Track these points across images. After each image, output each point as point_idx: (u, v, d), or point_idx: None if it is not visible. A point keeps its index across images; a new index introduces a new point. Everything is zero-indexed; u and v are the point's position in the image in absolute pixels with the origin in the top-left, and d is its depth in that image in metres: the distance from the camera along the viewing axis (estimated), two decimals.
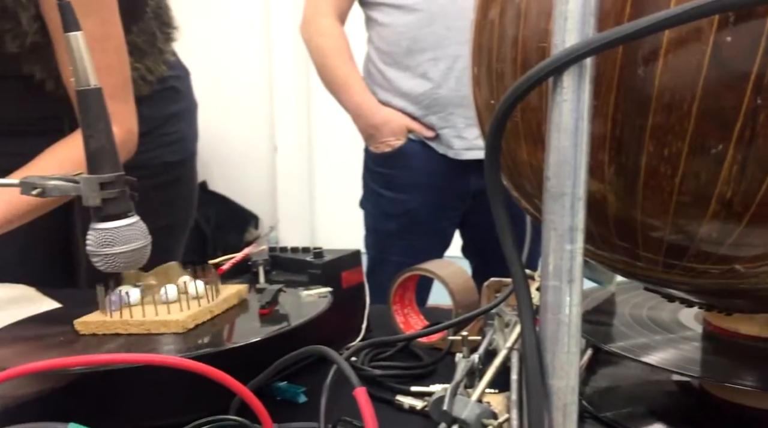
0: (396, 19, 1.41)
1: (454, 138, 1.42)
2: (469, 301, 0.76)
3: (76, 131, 0.96)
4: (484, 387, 0.55)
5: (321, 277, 0.74)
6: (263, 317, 0.64)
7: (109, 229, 0.62)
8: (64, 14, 0.57)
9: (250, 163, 3.29)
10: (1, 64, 0.93)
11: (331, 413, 0.48)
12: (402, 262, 1.12)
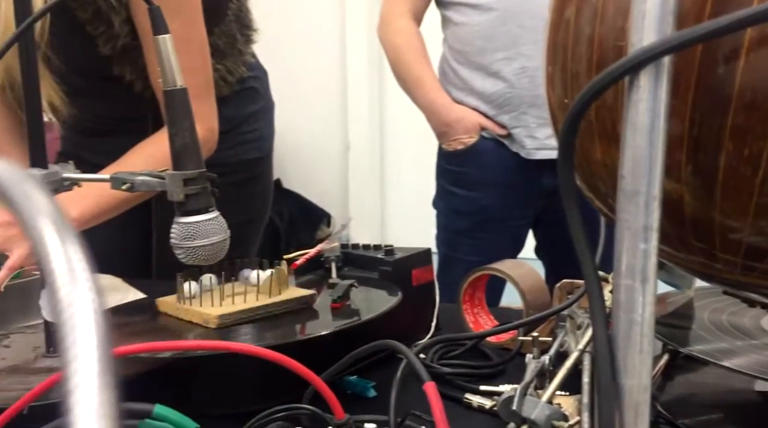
0: (471, 18, 1.41)
1: (525, 138, 1.41)
2: (540, 302, 0.75)
3: (161, 129, 1.01)
4: (554, 389, 0.54)
5: (391, 274, 0.75)
6: (335, 311, 0.65)
7: (191, 223, 0.65)
8: (153, 18, 0.60)
9: (323, 161, 3.35)
10: (95, 66, 0.99)
11: (400, 407, 0.48)
12: (473, 261, 1.12)
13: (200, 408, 0.54)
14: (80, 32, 0.94)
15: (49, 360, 0.68)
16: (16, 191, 0.15)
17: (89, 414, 0.12)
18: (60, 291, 0.13)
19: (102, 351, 0.13)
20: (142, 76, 1.01)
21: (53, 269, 0.14)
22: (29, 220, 0.15)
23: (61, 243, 0.14)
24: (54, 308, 0.13)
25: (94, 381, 0.12)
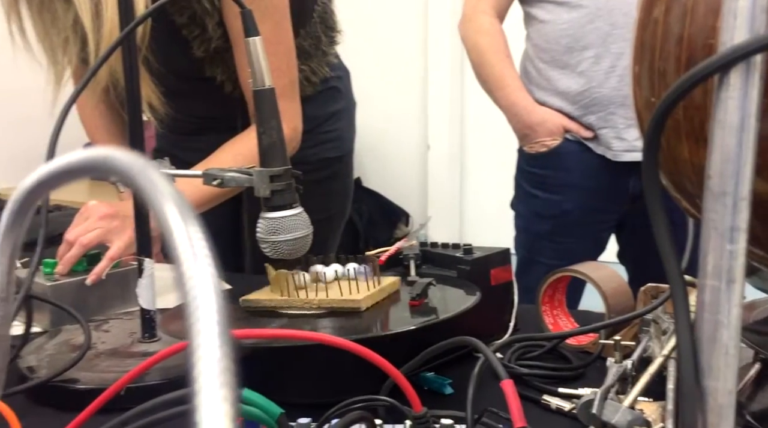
0: (558, 16, 1.38)
1: (613, 139, 1.37)
2: (622, 306, 0.74)
3: (249, 128, 1.04)
4: (637, 394, 0.53)
5: (470, 273, 0.75)
6: (413, 308, 0.66)
7: (276, 218, 0.67)
8: (245, 21, 0.63)
9: (403, 161, 3.37)
10: (189, 68, 1.04)
11: (476, 404, 0.49)
12: (552, 265, 1.10)
13: (282, 395, 0.56)
14: (177, 36, 0.99)
15: (144, 345, 0.72)
16: (142, 177, 0.17)
17: (212, 382, 0.13)
18: (183, 265, 0.15)
19: (221, 319, 0.14)
20: (233, 77, 1.05)
21: (177, 246, 0.15)
22: (155, 203, 0.16)
23: (183, 223, 0.16)
24: (178, 281, 0.15)
25: (216, 351, 0.14)
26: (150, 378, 0.64)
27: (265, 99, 0.67)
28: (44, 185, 0.21)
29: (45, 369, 0.66)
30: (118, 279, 0.88)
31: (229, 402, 0.14)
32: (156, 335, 0.73)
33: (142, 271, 0.72)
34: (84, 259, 0.89)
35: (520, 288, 0.80)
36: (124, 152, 0.19)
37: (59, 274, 0.87)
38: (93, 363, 0.67)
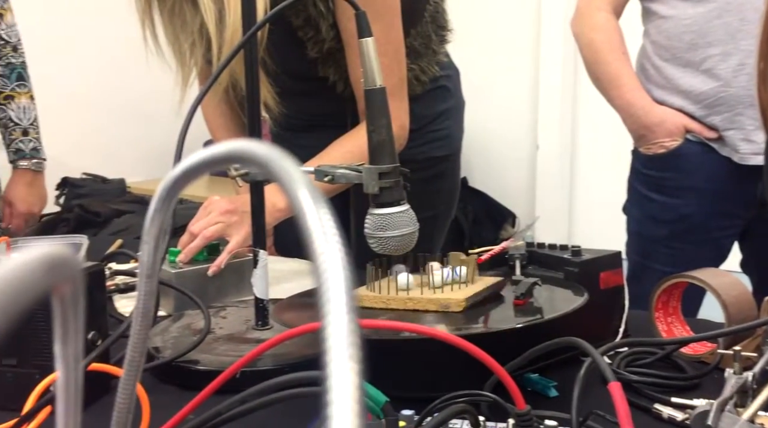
0: (682, 11, 1.31)
1: (740, 141, 1.29)
2: (744, 316, 0.70)
3: (359, 126, 1.07)
4: (757, 408, 0.50)
5: (578, 275, 0.73)
6: (517, 307, 0.66)
7: (384, 214, 0.69)
8: (359, 22, 0.65)
9: (511, 161, 3.32)
10: (303, 68, 1.08)
11: (581, 407, 0.48)
12: (667, 272, 1.05)
13: (382, 387, 0.58)
14: (292, 38, 1.03)
15: (257, 332, 0.76)
16: (278, 166, 0.19)
17: (341, 360, 0.14)
18: (315, 244, 0.16)
19: (349, 297, 0.15)
20: (344, 76, 1.08)
21: (309, 226, 0.16)
22: (289, 188, 0.18)
23: (314, 206, 0.17)
24: (311, 258, 0.16)
25: (345, 329, 0.14)
26: (262, 364, 0.67)
27: (376, 98, 0.69)
28: (191, 173, 0.23)
29: (169, 350, 0.71)
30: (234, 270, 0.93)
31: (357, 373, 0.14)
32: (268, 323, 0.76)
33: (256, 262, 0.76)
34: (204, 249, 0.95)
35: (631, 295, 0.77)
36: (261, 144, 0.21)
37: (181, 262, 0.93)
38: (212, 347, 0.72)
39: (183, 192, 0.72)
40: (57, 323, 0.18)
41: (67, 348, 0.19)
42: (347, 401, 0.15)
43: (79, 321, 0.18)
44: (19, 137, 1.59)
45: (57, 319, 0.18)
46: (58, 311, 0.18)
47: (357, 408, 0.15)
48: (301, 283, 0.95)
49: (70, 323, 0.18)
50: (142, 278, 0.27)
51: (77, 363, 0.20)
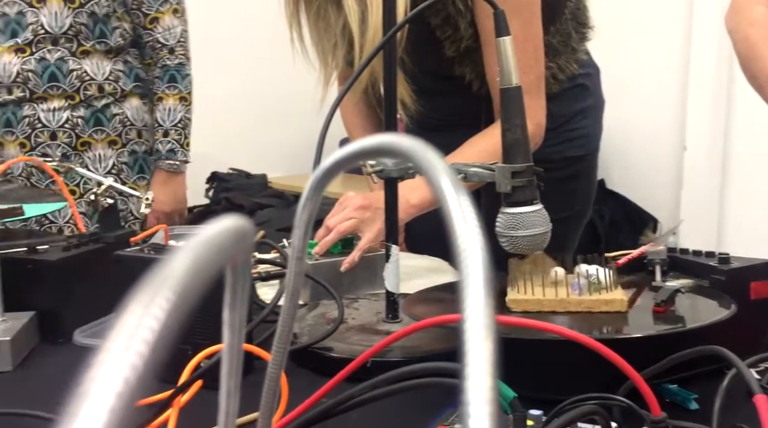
0: None
1: None
2: None
3: (493, 124, 1.07)
4: None
5: (725, 284, 0.69)
6: (657, 314, 0.63)
7: (516, 214, 0.68)
8: (497, 21, 0.65)
9: (654, 163, 3.14)
10: (440, 67, 1.09)
11: (723, 420, 0.45)
12: None
13: (517, 387, 0.57)
14: (430, 37, 1.04)
15: (387, 324, 0.78)
16: (421, 157, 0.20)
17: (477, 353, 0.15)
18: (455, 228, 0.17)
19: (487, 286, 0.16)
20: (480, 75, 1.08)
21: (450, 213, 0.17)
22: (432, 178, 0.19)
23: (455, 194, 0.18)
24: (452, 243, 0.17)
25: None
26: (392, 355, 0.69)
27: (512, 97, 0.68)
28: (340, 164, 0.25)
29: (306, 337, 0.75)
30: (367, 263, 0.96)
31: (492, 365, 0.15)
32: (398, 316, 0.78)
33: (388, 257, 0.78)
34: (339, 243, 0.99)
35: None
36: (406, 137, 0.22)
37: (317, 254, 0.97)
38: (344, 336, 0.75)
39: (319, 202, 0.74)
40: (227, 290, 0.21)
41: (234, 315, 0.21)
42: (481, 395, 0.15)
43: (246, 290, 0.21)
44: (159, 139, 1.63)
45: (227, 287, 0.20)
46: (229, 279, 0.20)
47: (490, 402, 0.16)
48: (432, 279, 0.96)
49: (239, 291, 0.20)
50: (292, 260, 0.29)
51: (241, 330, 0.22)
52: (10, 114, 1.48)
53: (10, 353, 0.72)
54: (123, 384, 0.11)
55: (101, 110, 1.53)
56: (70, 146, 1.51)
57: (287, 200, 2.85)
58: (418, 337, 0.73)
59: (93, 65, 1.51)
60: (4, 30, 1.47)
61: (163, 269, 0.14)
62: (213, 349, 0.62)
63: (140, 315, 0.12)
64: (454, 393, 0.22)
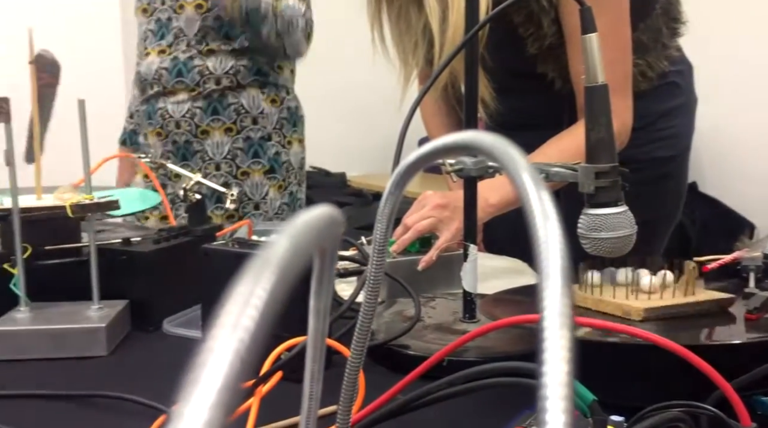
0: None
1: None
2: None
3: (576, 123, 1.04)
4: None
5: None
6: (749, 322, 0.60)
7: (599, 215, 0.67)
8: (583, 18, 0.63)
9: (751, 165, 2.98)
10: (522, 65, 1.08)
11: None
12: None
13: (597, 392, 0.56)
14: (512, 34, 1.03)
15: (464, 324, 0.78)
16: (502, 152, 0.20)
17: (554, 353, 0.15)
18: (537, 226, 0.17)
19: (565, 272, 0.15)
20: (563, 73, 1.06)
21: (530, 208, 0.17)
22: (513, 173, 0.19)
23: (536, 190, 0.18)
24: (533, 244, 0.17)
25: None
26: (468, 355, 0.69)
27: (597, 95, 0.67)
28: (422, 160, 0.25)
29: (382, 334, 0.75)
30: (444, 263, 0.96)
31: (568, 365, 0.15)
32: (476, 316, 0.78)
33: (466, 256, 0.78)
34: (417, 241, 0.99)
35: None
36: (487, 133, 0.22)
37: (395, 252, 0.98)
38: (421, 334, 0.75)
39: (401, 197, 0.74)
40: (314, 277, 0.21)
41: (320, 302, 0.22)
42: (558, 394, 0.15)
43: (332, 277, 0.21)
44: None
45: (314, 274, 0.21)
46: (317, 266, 0.21)
47: (567, 401, 0.15)
48: (510, 281, 0.95)
49: (325, 278, 0.21)
50: (374, 253, 0.30)
51: (326, 317, 0.23)
52: (150, 108, 1.66)
53: (106, 339, 0.76)
54: (234, 356, 0.12)
55: (218, 101, 1.65)
56: (192, 134, 1.65)
57: (366, 199, 2.88)
58: (496, 338, 0.72)
59: (216, 62, 1.64)
60: (156, 33, 1.65)
61: (266, 251, 0.15)
62: (293, 341, 0.64)
63: (247, 294, 0.13)
64: (532, 394, 0.21)
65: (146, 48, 1.66)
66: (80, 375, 0.71)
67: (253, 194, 1.69)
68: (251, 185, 1.68)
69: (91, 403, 0.64)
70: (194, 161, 1.64)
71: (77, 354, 0.75)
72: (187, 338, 0.81)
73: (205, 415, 0.11)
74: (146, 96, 1.67)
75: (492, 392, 0.51)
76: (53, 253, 0.87)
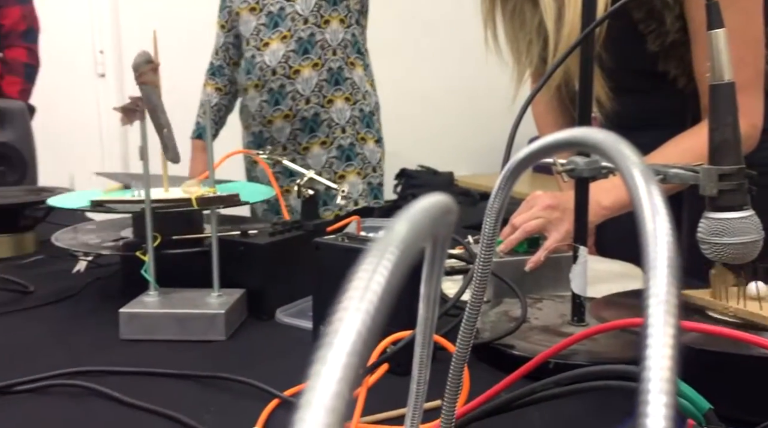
0: None
1: None
2: None
3: (700, 123, 0.99)
4: None
5: None
6: None
7: (721, 219, 0.63)
8: (710, 13, 0.61)
9: None
10: (642, 63, 1.04)
11: None
12: None
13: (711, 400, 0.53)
14: (632, 32, 1.00)
15: (572, 327, 0.76)
16: (613, 148, 0.20)
17: (657, 358, 0.15)
18: (645, 219, 0.17)
19: (674, 286, 0.15)
20: (687, 71, 1.01)
21: (640, 203, 0.17)
22: (624, 168, 0.19)
23: (646, 185, 0.18)
24: (641, 236, 0.17)
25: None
26: (577, 358, 0.67)
27: (723, 94, 0.64)
28: (533, 157, 0.26)
29: (487, 332, 0.75)
30: (552, 264, 0.95)
31: (671, 370, 0.15)
32: (584, 320, 0.76)
33: (576, 258, 0.76)
34: (525, 242, 0.98)
35: None
36: (598, 130, 0.22)
37: (501, 252, 0.97)
38: (527, 335, 0.74)
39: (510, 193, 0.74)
40: (425, 263, 0.22)
41: (430, 288, 0.23)
42: (659, 402, 0.15)
43: (442, 265, 0.22)
44: None
45: (426, 260, 0.22)
46: (429, 252, 0.22)
47: (669, 411, 0.15)
48: (623, 285, 0.92)
49: (436, 265, 0.22)
50: (482, 247, 0.30)
51: (435, 305, 0.23)
52: (277, 94, 1.82)
53: (224, 324, 0.81)
54: (361, 325, 0.13)
55: (337, 72, 1.83)
56: (320, 105, 1.82)
57: (473, 198, 2.86)
58: (607, 343, 0.71)
59: (332, 33, 1.82)
60: (268, 26, 1.81)
61: (388, 233, 0.16)
62: (399, 335, 0.65)
63: (371, 271, 0.14)
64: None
65: (262, 40, 1.81)
66: (200, 356, 0.76)
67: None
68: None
69: (210, 383, 0.69)
70: (321, 130, 1.82)
71: (198, 337, 0.81)
72: (298, 328, 0.85)
73: (338, 373, 0.12)
74: (267, 86, 1.82)
75: (599, 395, 0.50)
76: (179, 243, 0.94)
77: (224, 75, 1.98)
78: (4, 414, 0.63)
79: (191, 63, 2.08)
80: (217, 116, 1.97)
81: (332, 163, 1.85)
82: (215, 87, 1.99)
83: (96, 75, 3.23)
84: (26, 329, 0.87)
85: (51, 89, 2.37)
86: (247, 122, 1.93)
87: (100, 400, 0.65)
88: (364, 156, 1.89)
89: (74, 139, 3.10)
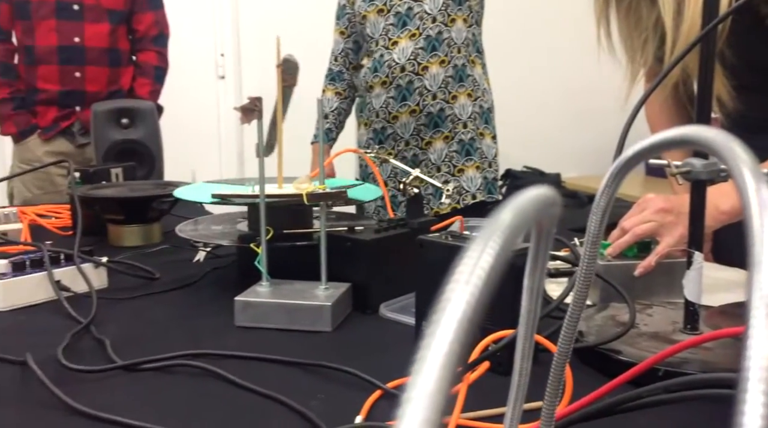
0: None
1: None
2: None
3: None
4: None
5: None
6: None
7: None
8: None
9: None
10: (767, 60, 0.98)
11: None
12: None
13: None
14: (758, 27, 0.94)
15: (684, 335, 0.74)
16: (724, 146, 0.20)
17: (755, 372, 0.15)
18: (752, 216, 0.17)
19: None
20: None
21: (748, 202, 0.17)
22: (734, 167, 0.19)
23: (755, 183, 0.18)
24: (748, 237, 0.17)
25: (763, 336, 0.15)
26: (688, 368, 0.65)
27: None
28: (642, 154, 0.26)
29: (593, 336, 0.74)
30: (665, 269, 0.91)
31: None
32: (698, 328, 0.73)
33: (690, 264, 0.73)
34: (635, 246, 0.95)
35: None
36: (709, 128, 0.22)
37: (610, 255, 0.94)
38: (635, 341, 0.72)
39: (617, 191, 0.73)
40: (529, 255, 0.23)
41: (533, 280, 0.23)
42: (755, 411, 0.15)
43: (546, 256, 0.23)
44: None
45: (530, 251, 0.23)
46: (533, 242, 0.22)
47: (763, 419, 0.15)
48: (740, 295, 0.87)
49: (540, 256, 0.22)
50: (587, 244, 0.30)
51: (538, 298, 0.24)
52: (404, 90, 1.89)
53: (331, 316, 0.84)
54: (466, 305, 0.14)
55: (461, 69, 1.90)
56: (445, 100, 1.89)
57: (580, 200, 2.78)
58: (722, 353, 0.68)
59: (457, 32, 1.89)
60: (397, 25, 1.90)
61: (495, 220, 0.17)
62: (500, 334, 0.65)
63: (477, 255, 0.15)
64: None
65: (391, 39, 1.89)
66: (308, 346, 0.80)
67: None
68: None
69: (317, 372, 0.72)
70: (445, 125, 1.89)
71: (306, 327, 0.84)
72: (401, 323, 0.87)
73: (444, 348, 0.13)
74: (395, 83, 1.89)
75: (710, 405, 0.48)
76: (289, 236, 0.98)
77: (344, 80, 2.06)
78: (131, 389, 0.69)
79: (307, 67, 2.16)
80: (337, 119, 2.05)
81: (452, 157, 1.89)
82: (335, 92, 2.06)
83: (216, 77, 3.41)
84: (152, 312, 0.94)
85: (175, 90, 2.53)
86: (369, 120, 1.97)
87: (216, 381, 0.69)
88: (482, 151, 1.92)
89: (196, 137, 3.29)
